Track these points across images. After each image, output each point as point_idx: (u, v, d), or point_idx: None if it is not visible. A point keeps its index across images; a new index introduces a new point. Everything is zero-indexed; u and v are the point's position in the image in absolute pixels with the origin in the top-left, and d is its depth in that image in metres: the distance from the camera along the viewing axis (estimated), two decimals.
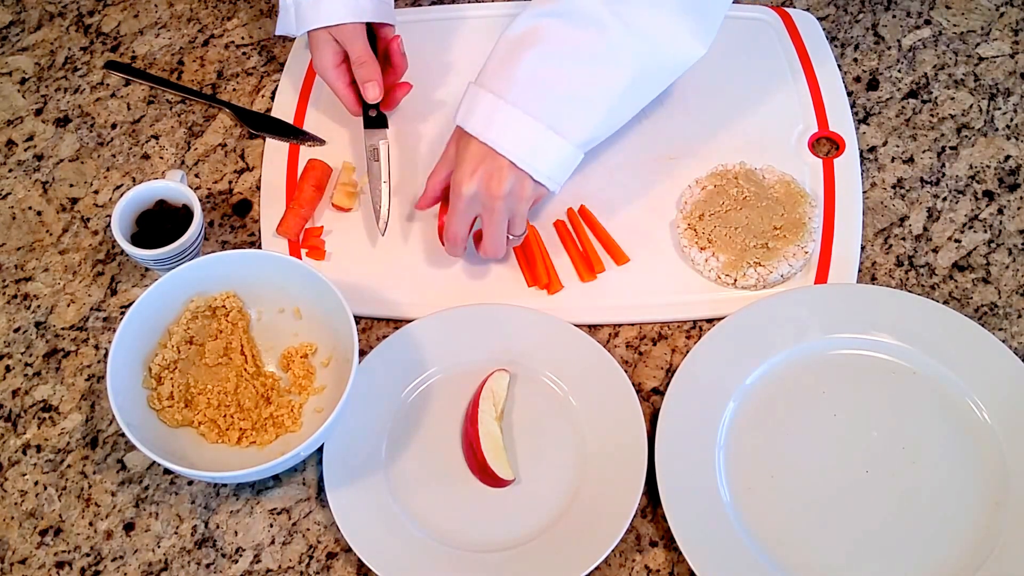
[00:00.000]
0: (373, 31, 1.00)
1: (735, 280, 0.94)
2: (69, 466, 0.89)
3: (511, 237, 0.91)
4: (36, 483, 0.88)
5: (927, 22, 1.12)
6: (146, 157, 1.05)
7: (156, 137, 1.07)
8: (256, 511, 0.87)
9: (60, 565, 0.85)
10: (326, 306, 0.88)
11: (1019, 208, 1.00)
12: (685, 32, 0.85)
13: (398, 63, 1.01)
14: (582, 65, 0.83)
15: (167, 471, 0.88)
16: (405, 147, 1.05)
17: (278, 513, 0.87)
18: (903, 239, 0.98)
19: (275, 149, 1.04)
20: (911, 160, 1.03)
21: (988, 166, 1.02)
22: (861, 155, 1.02)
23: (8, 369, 0.94)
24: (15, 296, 0.97)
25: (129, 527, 0.86)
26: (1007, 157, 1.03)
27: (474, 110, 0.85)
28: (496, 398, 0.88)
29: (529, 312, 0.92)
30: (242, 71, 1.11)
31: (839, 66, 1.07)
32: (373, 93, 0.98)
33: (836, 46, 1.10)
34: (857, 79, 1.08)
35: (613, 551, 0.83)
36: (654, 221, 0.99)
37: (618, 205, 1.00)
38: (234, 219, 1.01)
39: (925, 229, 0.99)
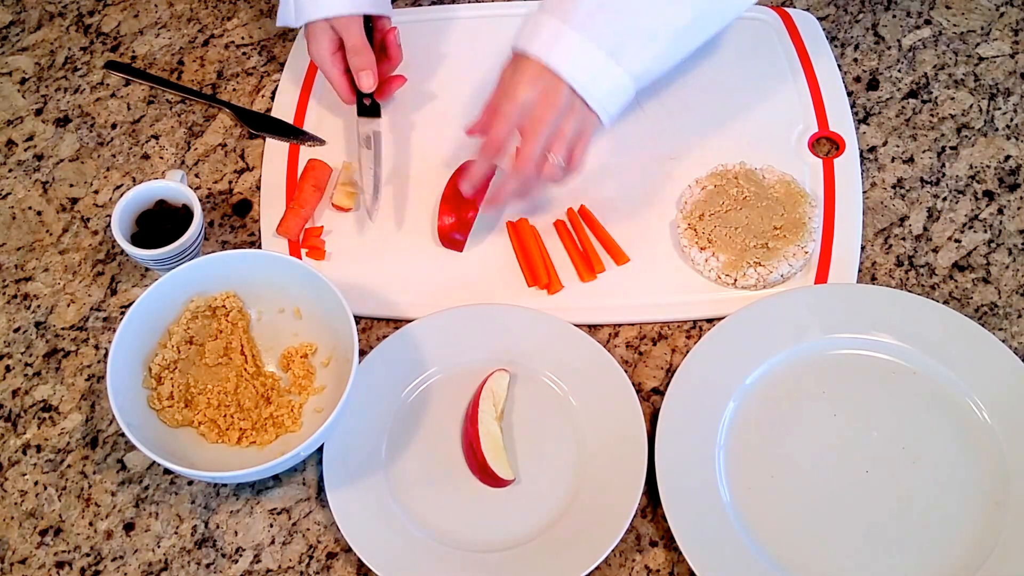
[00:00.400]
0: (370, 22, 1.01)
1: (735, 280, 0.94)
2: (69, 466, 0.89)
3: (549, 160, 0.89)
4: (36, 483, 0.88)
5: (927, 22, 1.12)
6: (146, 157, 1.05)
7: (156, 137, 1.07)
8: (256, 511, 0.87)
9: (60, 565, 0.85)
10: (326, 306, 0.88)
11: (1019, 208, 1.00)
12: None
13: (394, 54, 1.02)
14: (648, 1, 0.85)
15: (167, 471, 0.88)
16: (400, 142, 1.04)
17: (278, 513, 0.87)
18: (903, 239, 0.98)
19: (275, 149, 1.04)
20: (911, 160, 1.03)
21: (988, 166, 1.02)
22: (861, 155, 1.02)
23: (8, 369, 0.94)
24: (15, 296, 0.97)
25: (129, 527, 0.86)
26: (1007, 157, 1.03)
27: (537, 33, 0.86)
28: (496, 398, 0.88)
29: (529, 312, 0.92)
30: (242, 71, 1.11)
31: (839, 66, 1.07)
32: (367, 82, 0.98)
33: (836, 46, 1.10)
34: (857, 79, 1.08)
35: (613, 551, 0.83)
36: (654, 221, 0.99)
37: (618, 205, 1.00)
38: (234, 219, 1.01)
39: (925, 229, 0.99)
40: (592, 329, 0.94)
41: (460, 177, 0.95)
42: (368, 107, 1.01)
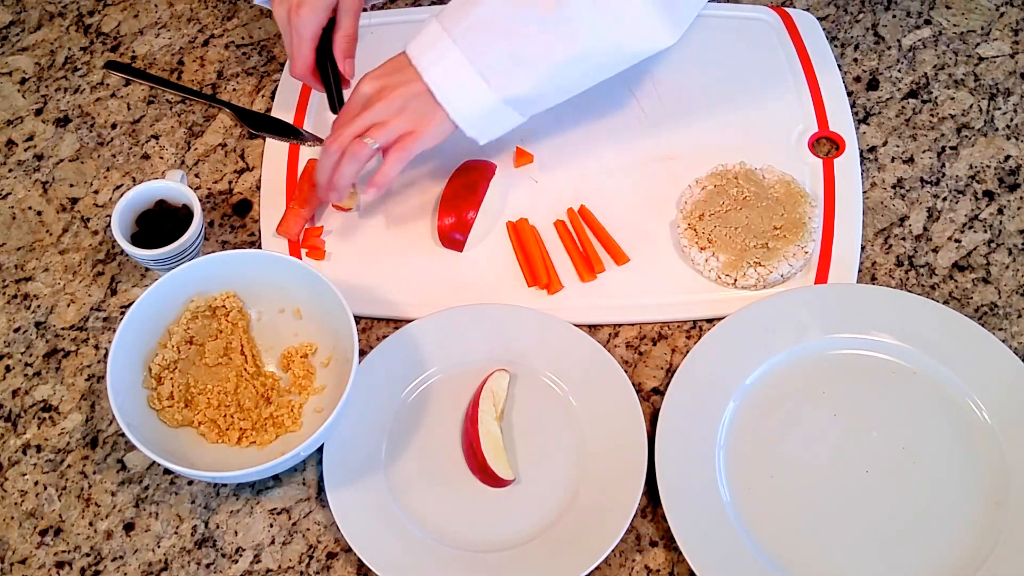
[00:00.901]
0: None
1: (735, 280, 0.94)
2: (69, 466, 0.89)
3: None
4: (36, 483, 0.88)
5: (927, 22, 1.12)
6: (146, 157, 1.05)
7: (156, 137, 1.07)
8: (256, 511, 0.87)
9: (60, 565, 0.85)
10: (326, 306, 0.88)
11: (1019, 208, 1.00)
12: (654, 18, 0.85)
13: (347, 72, 0.98)
14: (533, 25, 0.84)
15: (167, 471, 0.88)
16: None
17: (278, 513, 0.87)
18: (903, 239, 0.98)
19: (275, 149, 1.04)
20: (911, 160, 1.03)
21: (988, 166, 1.02)
22: (861, 155, 1.02)
23: (8, 369, 0.94)
24: (15, 296, 0.97)
25: (129, 527, 0.86)
26: (1007, 157, 1.03)
27: (420, 35, 0.87)
28: (496, 398, 0.88)
29: (529, 312, 0.92)
30: (242, 71, 1.11)
31: (839, 66, 1.07)
32: (351, 70, 0.97)
33: (836, 46, 1.10)
34: (857, 79, 1.08)
35: (613, 551, 0.83)
36: (654, 221, 0.99)
37: (618, 205, 1.00)
38: (234, 219, 1.01)
39: (925, 229, 0.99)
40: (592, 329, 0.94)
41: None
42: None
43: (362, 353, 0.88)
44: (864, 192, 1.00)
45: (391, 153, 0.89)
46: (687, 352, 0.90)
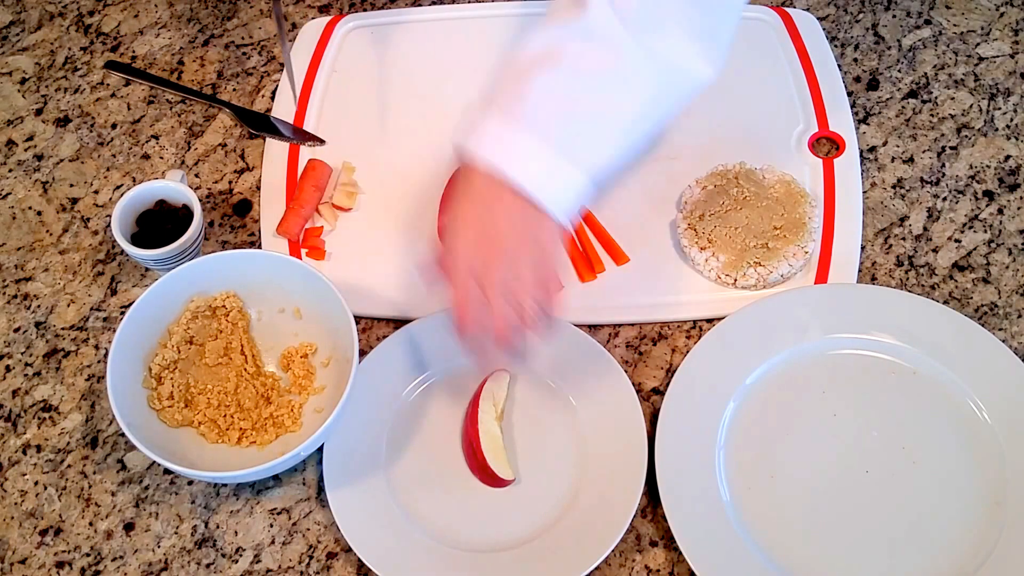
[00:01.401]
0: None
1: (735, 280, 0.94)
2: (69, 466, 0.89)
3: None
4: (36, 483, 0.88)
5: (927, 22, 1.12)
6: (146, 157, 1.05)
7: (156, 137, 1.07)
8: (256, 511, 0.87)
9: (60, 565, 0.85)
10: (326, 306, 0.88)
11: (1019, 208, 1.00)
12: (699, 56, 0.79)
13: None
14: (597, 90, 0.76)
15: (167, 471, 0.88)
16: (400, 142, 1.04)
17: (278, 513, 0.87)
18: (903, 239, 0.98)
19: (275, 149, 1.04)
20: (911, 160, 1.03)
21: (988, 166, 1.02)
22: (861, 155, 1.02)
23: (8, 369, 0.94)
24: (15, 296, 0.97)
25: (129, 527, 0.86)
26: (1007, 157, 1.03)
27: (480, 132, 0.77)
28: (496, 398, 0.88)
29: None
30: (242, 71, 1.11)
31: (839, 66, 1.07)
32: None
33: (836, 46, 1.10)
34: (857, 79, 1.08)
35: (613, 551, 0.83)
36: (654, 221, 0.99)
37: (618, 205, 1.00)
38: (234, 219, 1.01)
39: (925, 229, 0.99)
40: (592, 329, 0.94)
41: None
42: None
43: (362, 353, 0.88)
44: (864, 192, 1.00)
45: (552, 297, 0.79)
46: (687, 352, 0.90)
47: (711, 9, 0.78)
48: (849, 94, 1.06)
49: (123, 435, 0.89)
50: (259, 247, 0.99)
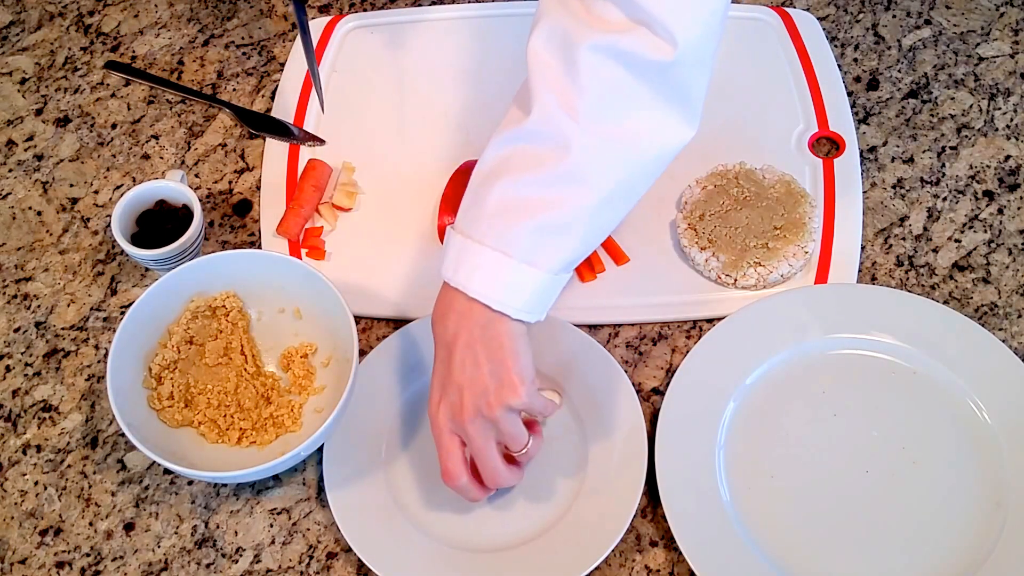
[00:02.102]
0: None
1: (735, 280, 0.94)
2: (69, 466, 0.89)
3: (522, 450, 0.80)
4: (36, 483, 0.88)
5: (927, 22, 1.12)
6: (146, 157, 1.05)
7: (156, 137, 1.07)
8: (256, 511, 0.87)
9: (60, 565, 0.85)
10: (326, 306, 0.88)
11: (1019, 208, 1.00)
12: (672, 122, 0.76)
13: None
14: (549, 189, 0.74)
15: (167, 471, 0.88)
16: (400, 142, 1.05)
17: (278, 513, 0.87)
18: (903, 239, 0.98)
19: (275, 149, 1.04)
20: (911, 160, 1.03)
21: (988, 166, 1.02)
22: (861, 155, 1.02)
23: (8, 369, 0.94)
24: (15, 296, 0.97)
25: (129, 527, 0.86)
26: (1007, 157, 1.03)
27: (446, 258, 0.77)
28: None
29: None
30: (242, 71, 1.11)
31: (839, 66, 1.07)
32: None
33: (836, 46, 1.10)
34: (857, 79, 1.08)
35: (613, 551, 0.83)
36: (654, 221, 0.99)
37: None
38: (234, 219, 1.01)
39: (925, 229, 0.99)
40: (592, 329, 0.94)
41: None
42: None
43: (362, 353, 0.88)
44: (864, 192, 1.00)
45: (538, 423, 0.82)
46: (687, 352, 0.90)
47: (679, 76, 0.74)
48: (849, 94, 1.06)
49: (123, 435, 0.89)
50: (259, 247, 0.99)
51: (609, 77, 0.73)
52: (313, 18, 1.14)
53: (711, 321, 0.94)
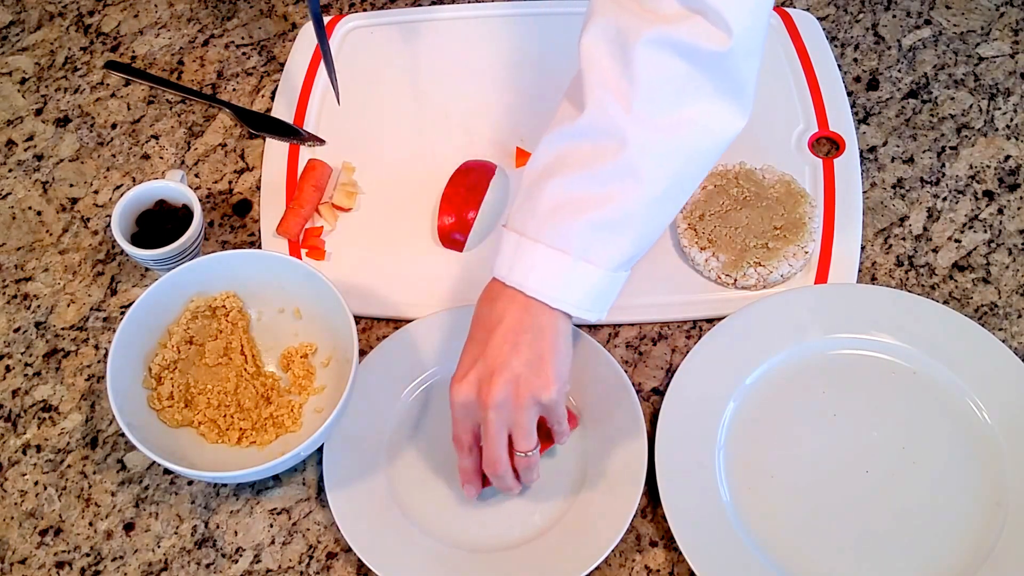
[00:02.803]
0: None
1: (735, 280, 0.94)
2: (69, 466, 0.89)
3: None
4: (36, 483, 0.88)
5: (927, 22, 1.12)
6: (146, 157, 1.05)
7: (156, 137, 1.07)
8: (256, 511, 0.87)
9: (60, 565, 0.85)
10: (326, 306, 0.88)
11: (1019, 208, 1.00)
12: (726, 113, 0.76)
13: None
14: (605, 185, 0.74)
15: (167, 471, 0.88)
16: (400, 142, 1.05)
17: (278, 513, 0.87)
18: (903, 239, 0.98)
19: (275, 149, 1.04)
20: (911, 160, 1.03)
21: (988, 166, 1.02)
22: (861, 155, 1.02)
23: (8, 369, 0.94)
24: (15, 296, 0.97)
25: (129, 527, 0.86)
26: (1007, 157, 1.03)
27: (499, 257, 0.77)
28: None
29: None
30: (242, 71, 1.11)
31: (839, 66, 1.07)
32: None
33: (836, 46, 1.10)
34: (857, 79, 1.08)
35: (613, 551, 0.83)
36: None
37: None
38: (234, 219, 1.01)
39: (925, 229, 0.99)
40: (592, 329, 0.94)
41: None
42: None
43: (362, 353, 0.88)
44: (864, 192, 1.00)
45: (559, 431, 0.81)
46: (687, 352, 0.90)
47: (733, 66, 0.74)
48: (849, 94, 1.06)
49: (123, 435, 0.89)
50: (259, 247, 0.99)
51: (664, 69, 0.73)
52: None
53: (711, 321, 0.94)
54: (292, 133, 1.05)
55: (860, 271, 0.96)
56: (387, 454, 0.88)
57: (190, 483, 0.88)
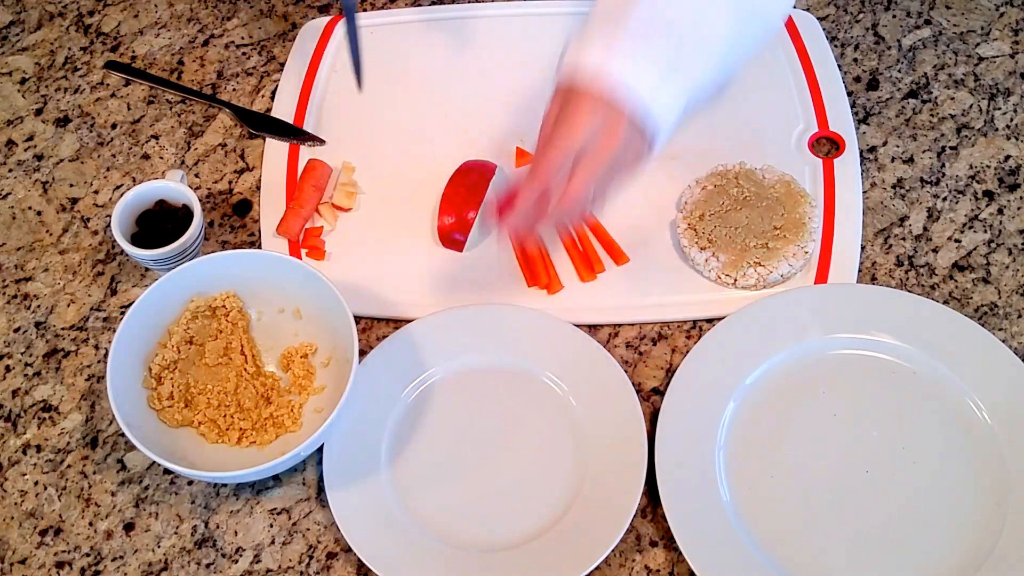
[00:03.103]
0: None
1: (735, 280, 0.94)
2: (69, 466, 0.89)
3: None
4: (36, 483, 0.88)
5: (927, 22, 1.12)
6: (146, 157, 1.05)
7: (156, 137, 1.07)
8: (256, 511, 0.87)
9: (60, 565, 0.85)
10: (326, 306, 0.88)
11: (1019, 208, 1.00)
12: None
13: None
14: (692, 12, 0.78)
15: (167, 471, 0.88)
16: (401, 142, 1.05)
17: (278, 513, 0.87)
18: (903, 239, 0.98)
19: (275, 149, 1.04)
20: (911, 160, 1.03)
21: (988, 166, 1.02)
22: (861, 155, 1.02)
23: (8, 369, 0.94)
24: (15, 296, 0.97)
25: (129, 527, 0.86)
26: (1007, 157, 1.03)
27: (586, 55, 0.77)
28: None
29: (529, 312, 0.92)
30: (242, 71, 1.11)
31: (839, 66, 1.07)
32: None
33: (836, 46, 1.10)
34: (857, 79, 1.08)
35: (613, 551, 0.83)
36: (654, 221, 0.99)
37: (618, 205, 0.99)
38: (234, 219, 1.01)
39: (925, 229, 0.99)
40: (592, 329, 0.94)
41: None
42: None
43: (362, 353, 0.88)
44: (864, 192, 1.00)
45: (577, 170, 0.79)
46: (687, 352, 0.90)
47: None
48: (849, 94, 1.06)
49: (123, 435, 0.89)
50: (259, 247, 0.99)
51: None
52: (313, 18, 1.14)
53: (711, 321, 0.94)
54: (292, 133, 1.05)
55: (860, 271, 0.96)
56: (387, 454, 0.88)
57: (190, 483, 0.88)
